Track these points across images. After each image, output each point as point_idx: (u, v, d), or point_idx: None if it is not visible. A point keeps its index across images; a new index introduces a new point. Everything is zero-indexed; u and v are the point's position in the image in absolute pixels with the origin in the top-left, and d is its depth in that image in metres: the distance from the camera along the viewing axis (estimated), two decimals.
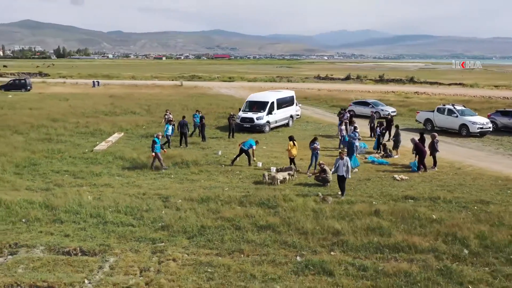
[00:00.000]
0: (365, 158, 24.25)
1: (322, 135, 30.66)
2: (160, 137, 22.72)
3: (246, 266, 11.93)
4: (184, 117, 28.17)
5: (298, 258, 12.43)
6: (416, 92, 61.23)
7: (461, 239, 13.29)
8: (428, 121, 33.31)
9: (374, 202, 16.71)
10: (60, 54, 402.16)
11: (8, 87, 61.66)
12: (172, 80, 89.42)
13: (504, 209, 15.82)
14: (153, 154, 21.63)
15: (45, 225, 14.48)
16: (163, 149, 22.79)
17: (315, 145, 21.36)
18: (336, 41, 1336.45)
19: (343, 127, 27.05)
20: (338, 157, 17.87)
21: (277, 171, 20.37)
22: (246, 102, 34.77)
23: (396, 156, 24.44)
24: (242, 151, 22.62)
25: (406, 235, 13.63)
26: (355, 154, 21.80)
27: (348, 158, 17.98)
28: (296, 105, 38.80)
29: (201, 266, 11.93)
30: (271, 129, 32.69)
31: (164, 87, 71.18)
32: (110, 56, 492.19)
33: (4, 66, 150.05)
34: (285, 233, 14.03)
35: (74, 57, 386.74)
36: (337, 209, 15.85)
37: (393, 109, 40.71)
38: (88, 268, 11.74)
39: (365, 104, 40.94)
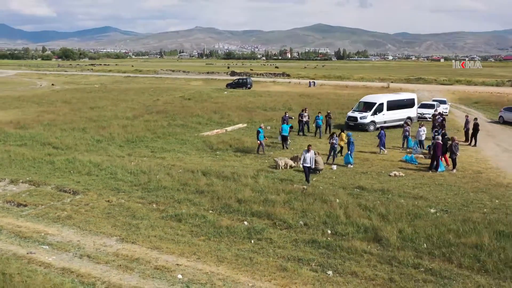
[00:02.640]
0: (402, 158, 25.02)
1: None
2: (263, 127, 27.69)
3: (150, 212, 16.62)
4: (286, 113, 32.72)
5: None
6: None
7: (332, 218, 15.48)
8: None
9: (331, 188, 19.36)
10: (340, 56, 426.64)
11: (233, 85, 73.90)
12: (391, 81, 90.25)
13: (417, 204, 16.90)
14: (258, 141, 26.73)
15: (78, 175, 21.63)
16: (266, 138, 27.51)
17: (332, 140, 23.85)
18: None
19: (408, 127, 27.87)
20: (306, 149, 20.47)
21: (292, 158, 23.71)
22: (359, 102, 36.81)
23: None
24: (283, 137, 26.66)
25: (288, 209, 16.48)
26: (352, 153, 23.36)
27: (313, 152, 20.48)
28: (435, 108, 38.89)
29: (119, 206, 17.26)
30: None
31: (371, 88, 73.75)
32: (390, 58, 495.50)
33: (251, 69, 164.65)
34: (215, 198, 17.86)
35: (352, 58, 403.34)
36: (284, 190, 18.67)
37: None
38: (58, 199, 18.32)
39: None
